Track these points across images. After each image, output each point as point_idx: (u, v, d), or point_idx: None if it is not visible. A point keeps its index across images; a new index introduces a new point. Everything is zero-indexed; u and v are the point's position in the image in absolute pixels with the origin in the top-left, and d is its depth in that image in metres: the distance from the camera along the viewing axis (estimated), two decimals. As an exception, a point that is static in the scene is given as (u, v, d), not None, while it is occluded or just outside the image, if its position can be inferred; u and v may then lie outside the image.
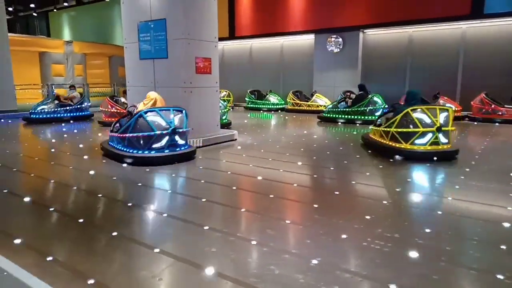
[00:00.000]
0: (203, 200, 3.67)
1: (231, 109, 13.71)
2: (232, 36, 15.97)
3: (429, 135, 5.44)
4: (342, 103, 10.38)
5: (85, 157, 5.76)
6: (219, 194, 4.05)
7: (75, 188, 4.17)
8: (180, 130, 5.40)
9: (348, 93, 10.38)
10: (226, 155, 6.04)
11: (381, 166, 5.18)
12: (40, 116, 10.12)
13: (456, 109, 10.49)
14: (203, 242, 2.72)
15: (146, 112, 5.24)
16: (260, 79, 16.07)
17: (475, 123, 9.99)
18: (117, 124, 5.75)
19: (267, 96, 14.35)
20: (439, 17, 11.32)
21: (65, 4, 21.84)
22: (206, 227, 2.96)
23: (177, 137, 5.40)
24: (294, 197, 3.97)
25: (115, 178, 4.62)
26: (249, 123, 10.29)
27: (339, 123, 10.10)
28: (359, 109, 9.94)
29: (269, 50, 16.05)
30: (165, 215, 3.28)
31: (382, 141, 6.02)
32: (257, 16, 15.19)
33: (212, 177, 4.66)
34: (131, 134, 5.26)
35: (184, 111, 5.59)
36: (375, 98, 9.89)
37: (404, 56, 12.75)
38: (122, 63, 8.14)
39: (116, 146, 5.59)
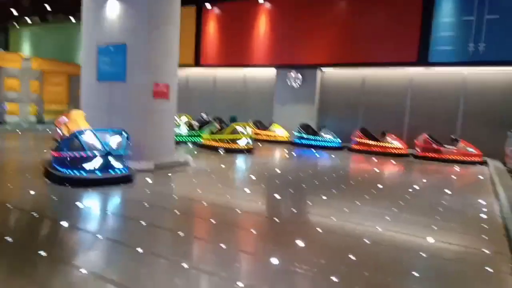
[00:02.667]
0: (142, 223, 3.70)
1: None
2: (197, 63, 16.29)
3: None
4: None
5: (27, 175, 5.59)
6: (159, 217, 4.09)
7: (9, 206, 4.05)
8: (115, 153, 5.37)
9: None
10: (175, 179, 6.09)
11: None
12: None
13: (402, 146, 11.24)
14: (132, 264, 2.76)
15: (81, 133, 5.23)
16: (223, 106, 16.36)
17: (413, 159, 10.70)
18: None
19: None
20: (389, 62, 12.28)
21: (28, 20, 21.36)
22: (140, 250, 3.00)
23: (112, 160, 5.35)
24: (236, 223, 4.09)
25: (50, 197, 4.53)
26: (208, 150, 10.39)
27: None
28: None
29: (232, 79, 16.49)
30: (99, 236, 3.28)
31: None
32: (222, 47, 15.68)
33: (156, 200, 4.69)
34: (63, 154, 5.21)
35: (124, 134, 5.59)
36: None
37: (357, 95, 13.57)
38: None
39: (54, 165, 5.49)
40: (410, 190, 6.24)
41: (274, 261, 2.93)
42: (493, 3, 10.60)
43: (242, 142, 9.69)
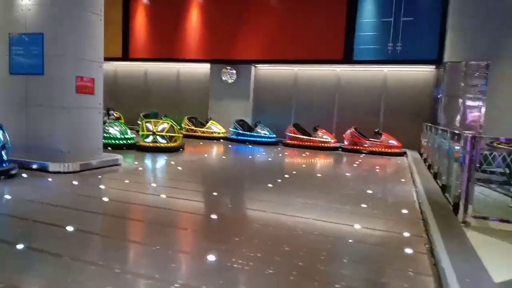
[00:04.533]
0: (68, 228, 3.42)
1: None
2: (126, 57, 15.48)
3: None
4: None
5: None
6: (87, 222, 3.82)
7: None
8: None
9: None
10: (104, 180, 5.74)
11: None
12: None
13: (332, 140, 11.86)
14: (58, 272, 2.54)
15: None
16: (155, 102, 15.78)
17: (342, 152, 11.39)
18: None
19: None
20: (318, 60, 12.85)
21: None
22: (66, 257, 2.77)
23: None
24: (171, 223, 3.98)
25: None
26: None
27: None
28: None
29: (165, 74, 15.98)
30: (19, 246, 2.97)
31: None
32: (153, 39, 15.08)
33: (83, 204, 4.38)
34: None
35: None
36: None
37: (290, 91, 14.00)
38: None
39: None
40: (339, 181, 6.61)
41: (211, 258, 2.90)
42: (408, 6, 11.60)
43: (148, 139, 9.26)
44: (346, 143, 11.77)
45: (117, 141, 8.98)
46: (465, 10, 10.46)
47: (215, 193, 5.26)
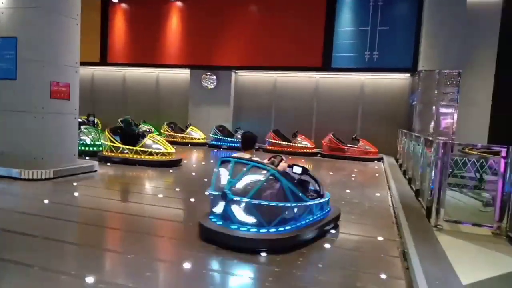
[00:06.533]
0: (38, 237, 3.33)
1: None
2: (104, 62, 15.24)
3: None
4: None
5: None
6: (59, 230, 3.73)
7: None
8: None
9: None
10: (79, 187, 5.61)
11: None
12: None
13: (311, 146, 12.00)
14: (27, 283, 2.47)
15: None
16: (134, 108, 15.57)
17: (321, 158, 11.54)
18: None
19: (140, 125, 13.94)
20: (297, 66, 13.02)
21: None
22: (36, 267, 2.70)
23: None
24: (148, 231, 3.92)
25: None
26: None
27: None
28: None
29: (144, 80, 15.81)
30: (-14, 256, 2.86)
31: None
32: (132, 44, 14.92)
33: (56, 211, 4.27)
34: None
35: None
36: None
37: (270, 97, 14.11)
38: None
39: None
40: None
41: (188, 264, 2.88)
42: (384, 15, 11.95)
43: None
44: (324, 149, 11.92)
45: (89, 148, 8.71)
46: (437, 20, 10.84)
47: (192, 200, 5.23)
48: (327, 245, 3.58)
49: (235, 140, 12.36)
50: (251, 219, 3.31)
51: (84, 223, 4.02)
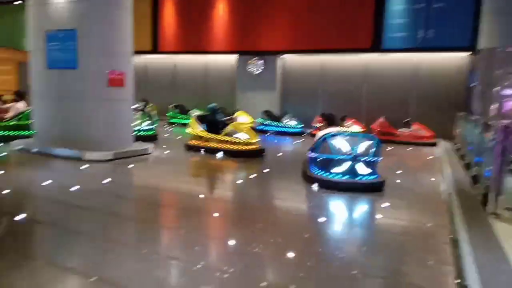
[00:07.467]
0: (103, 212, 3.65)
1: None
2: (155, 50, 15.85)
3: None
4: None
5: None
6: (119, 206, 4.05)
7: None
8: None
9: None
10: (136, 168, 6.00)
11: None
12: None
13: (362, 130, 11.68)
14: (92, 252, 2.74)
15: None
16: (184, 94, 16.12)
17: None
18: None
19: (191, 111, 14.42)
20: (345, 48, 12.61)
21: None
22: (100, 239, 2.98)
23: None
24: (199, 209, 4.13)
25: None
26: (169, 138, 10.29)
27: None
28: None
29: (193, 66, 16.23)
30: (57, 227, 3.21)
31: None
32: (181, 33, 15.34)
33: (116, 190, 4.62)
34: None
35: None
36: None
37: (317, 81, 13.86)
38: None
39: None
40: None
41: (234, 242, 3.02)
42: (440, -8, 11.12)
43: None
44: (375, 133, 11.55)
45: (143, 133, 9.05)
46: (503, -7, 9.89)
47: (241, 182, 5.37)
48: (373, 229, 3.54)
49: (282, 125, 12.35)
50: (368, 170, 5.00)
51: (140, 200, 4.32)
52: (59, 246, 2.91)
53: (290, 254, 2.84)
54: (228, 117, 9.37)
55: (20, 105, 8.33)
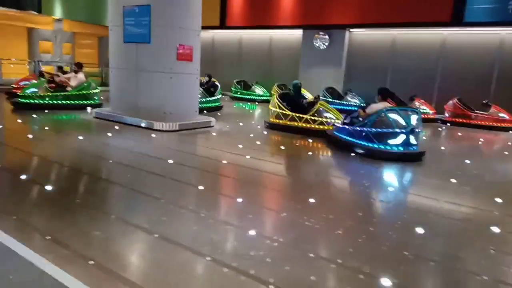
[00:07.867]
0: (166, 178, 3.98)
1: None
2: (223, 25, 16.12)
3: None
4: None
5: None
6: (182, 174, 4.36)
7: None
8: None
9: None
10: (199, 140, 6.34)
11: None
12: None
13: (431, 111, 10.95)
14: (155, 212, 3.04)
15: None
16: (248, 69, 16.31)
17: (443, 126, 10.42)
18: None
19: (253, 87, 14.61)
20: (421, 22, 11.69)
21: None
22: (163, 201, 3.28)
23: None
24: (255, 181, 4.29)
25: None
26: (231, 112, 10.58)
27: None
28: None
29: (258, 41, 16.27)
30: (129, 188, 3.57)
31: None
32: (248, 7, 15.37)
33: (181, 158, 4.96)
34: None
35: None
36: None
37: (386, 57, 13.13)
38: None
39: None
40: (433, 155, 6.20)
41: (286, 214, 3.12)
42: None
43: None
44: (447, 115, 10.75)
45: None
46: None
47: (297, 158, 5.43)
48: (430, 214, 3.41)
49: (344, 102, 11.99)
50: (416, 142, 5.54)
51: (201, 169, 4.60)
52: (128, 204, 3.25)
53: (341, 230, 2.87)
54: (314, 96, 8.81)
55: (82, 76, 9.05)
